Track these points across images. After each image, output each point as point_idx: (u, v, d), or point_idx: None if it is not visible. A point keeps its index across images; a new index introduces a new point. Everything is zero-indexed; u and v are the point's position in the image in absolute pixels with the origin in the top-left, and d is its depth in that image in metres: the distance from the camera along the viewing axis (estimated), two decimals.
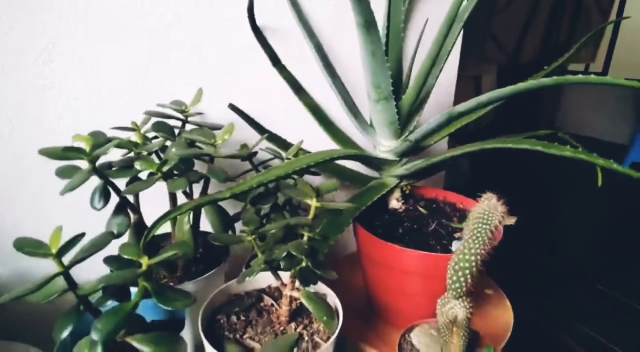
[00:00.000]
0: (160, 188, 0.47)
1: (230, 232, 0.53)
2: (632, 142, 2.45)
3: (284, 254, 0.44)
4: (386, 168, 0.66)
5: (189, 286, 0.52)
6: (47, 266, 0.36)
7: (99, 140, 0.46)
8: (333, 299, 0.49)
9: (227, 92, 0.64)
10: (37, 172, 0.57)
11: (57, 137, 0.57)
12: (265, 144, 0.63)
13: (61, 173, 0.45)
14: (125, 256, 0.39)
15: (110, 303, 0.42)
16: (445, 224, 0.62)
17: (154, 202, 0.51)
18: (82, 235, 0.38)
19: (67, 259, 0.38)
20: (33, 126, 0.55)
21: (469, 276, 0.39)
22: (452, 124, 0.61)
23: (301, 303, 0.50)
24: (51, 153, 0.43)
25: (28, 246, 0.36)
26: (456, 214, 0.66)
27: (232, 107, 0.65)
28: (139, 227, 0.51)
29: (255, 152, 0.56)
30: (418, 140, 0.60)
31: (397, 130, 0.62)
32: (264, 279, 0.54)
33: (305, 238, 0.44)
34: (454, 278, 0.40)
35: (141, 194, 0.49)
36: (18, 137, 0.55)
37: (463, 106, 0.53)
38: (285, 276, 0.48)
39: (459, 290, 0.40)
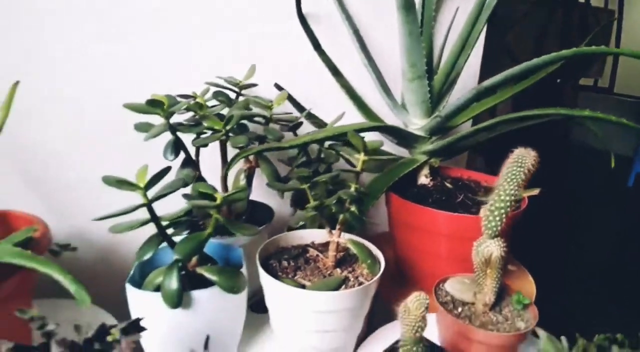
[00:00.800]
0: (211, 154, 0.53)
1: None
2: (636, 153, 2.51)
3: (335, 200, 0.49)
4: (416, 145, 0.72)
5: (242, 237, 0.57)
6: (101, 225, 0.41)
7: (172, 101, 0.53)
8: (374, 250, 0.54)
9: (273, 73, 0.71)
10: (100, 140, 0.64)
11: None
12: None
13: (139, 127, 0.52)
14: (201, 190, 0.44)
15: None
16: (471, 197, 0.67)
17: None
18: (169, 169, 0.44)
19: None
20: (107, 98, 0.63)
21: (503, 216, 0.45)
22: (481, 101, 0.67)
23: (345, 254, 0.56)
24: (135, 107, 0.50)
25: (117, 181, 0.42)
26: (481, 189, 0.72)
27: (277, 86, 0.71)
28: (199, 181, 0.57)
29: (301, 122, 0.63)
30: (448, 116, 0.65)
31: (428, 108, 0.68)
32: (308, 235, 0.59)
33: (352, 188, 0.50)
34: (490, 218, 0.45)
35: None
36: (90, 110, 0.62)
37: (490, 81, 0.59)
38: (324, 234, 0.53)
39: (494, 229, 0.45)
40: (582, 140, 2.84)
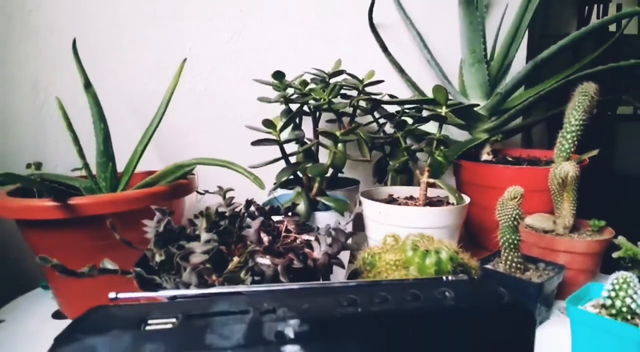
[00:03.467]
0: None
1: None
2: None
3: (424, 145, 0.61)
4: (477, 125, 0.84)
5: (338, 193, 0.68)
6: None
7: (284, 78, 0.68)
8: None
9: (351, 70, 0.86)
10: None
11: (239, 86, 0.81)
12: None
13: (261, 99, 0.67)
14: (323, 131, 0.57)
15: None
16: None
17: None
18: (297, 114, 0.57)
19: None
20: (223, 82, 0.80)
21: (575, 140, 0.55)
22: (540, 86, 0.79)
23: (429, 201, 0.66)
24: (261, 81, 0.65)
25: (264, 121, 0.56)
26: (542, 163, 0.81)
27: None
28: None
29: (382, 100, 0.76)
30: (508, 91, 0.77)
31: (487, 90, 0.81)
32: (394, 190, 0.70)
33: (437, 135, 0.62)
34: (563, 142, 0.55)
35: None
36: (212, 89, 0.79)
37: (545, 53, 0.71)
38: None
39: (568, 150, 0.55)
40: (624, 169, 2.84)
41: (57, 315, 0.56)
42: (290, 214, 0.46)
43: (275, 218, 0.44)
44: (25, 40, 0.73)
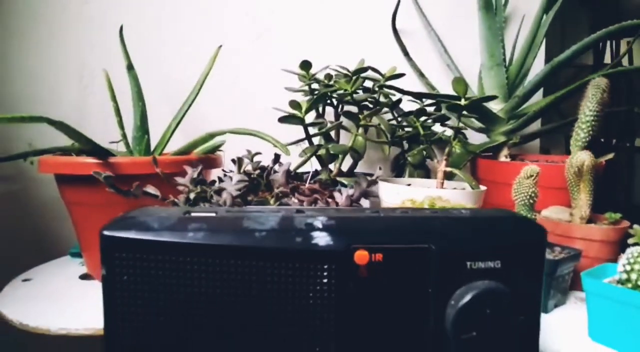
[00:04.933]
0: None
1: None
2: None
3: (442, 136, 0.63)
4: (495, 127, 0.86)
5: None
6: None
7: (310, 68, 0.72)
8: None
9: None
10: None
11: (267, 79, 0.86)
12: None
13: (289, 88, 0.71)
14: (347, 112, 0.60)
15: None
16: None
17: None
18: (323, 96, 0.61)
19: None
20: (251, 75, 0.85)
21: (590, 130, 0.57)
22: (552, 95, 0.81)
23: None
24: (289, 71, 0.69)
25: (291, 101, 0.59)
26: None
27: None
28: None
29: (401, 99, 0.79)
30: (526, 94, 0.80)
31: (505, 93, 0.84)
32: (412, 180, 0.72)
33: (456, 124, 0.64)
34: (578, 131, 0.57)
35: None
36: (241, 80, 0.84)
37: (560, 57, 0.74)
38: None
39: (584, 140, 0.57)
40: None
41: (84, 277, 0.59)
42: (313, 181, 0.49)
43: None
44: (77, 28, 0.81)
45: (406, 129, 0.78)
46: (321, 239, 0.22)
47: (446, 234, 0.23)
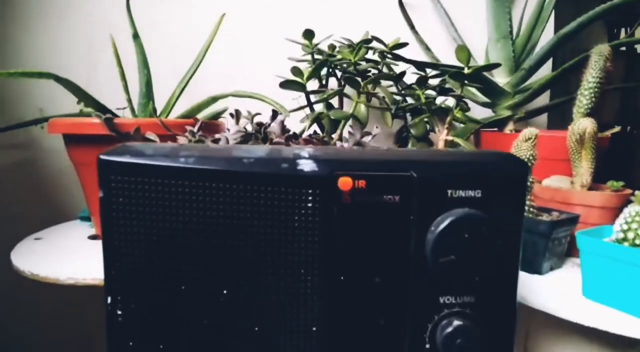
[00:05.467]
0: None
1: None
2: None
3: (443, 105, 0.63)
4: (500, 102, 0.85)
5: None
6: None
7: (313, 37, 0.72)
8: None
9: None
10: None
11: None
12: None
13: (291, 58, 0.71)
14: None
15: None
16: None
17: None
18: (324, 63, 0.61)
19: None
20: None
21: (593, 97, 0.56)
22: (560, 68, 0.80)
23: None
24: (292, 40, 0.69)
25: (293, 68, 0.60)
26: None
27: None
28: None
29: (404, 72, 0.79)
30: (532, 67, 0.79)
31: (512, 66, 0.83)
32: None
33: (458, 91, 0.64)
34: (581, 98, 0.57)
35: None
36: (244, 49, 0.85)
37: (566, 28, 0.73)
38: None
39: (587, 107, 0.56)
40: None
41: (93, 237, 0.61)
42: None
43: None
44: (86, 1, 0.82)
45: (409, 102, 0.78)
46: (306, 165, 0.23)
47: (428, 163, 0.24)
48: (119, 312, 0.24)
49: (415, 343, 0.24)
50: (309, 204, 0.23)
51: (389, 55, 0.76)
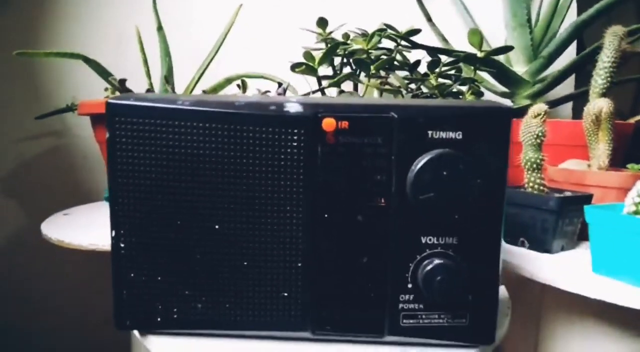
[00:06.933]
0: None
1: None
2: None
3: (455, 89, 0.64)
4: (519, 91, 0.84)
5: None
6: None
7: (327, 25, 0.74)
8: None
9: None
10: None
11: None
12: None
13: (304, 47, 0.73)
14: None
15: None
16: None
17: None
18: (334, 44, 0.63)
19: None
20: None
21: (608, 76, 0.55)
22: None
23: None
24: (307, 29, 0.72)
25: (305, 52, 0.62)
26: None
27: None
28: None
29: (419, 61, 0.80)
30: (551, 54, 0.78)
31: (530, 55, 0.82)
32: None
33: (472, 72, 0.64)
34: (596, 78, 0.56)
35: None
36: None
37: (584, 15, 0.72)
38: None
39: (602, 86, 0.55)
40: None
41: None
42: None
43: None
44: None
45: (423, 90, 0.79)
46: (292, 108, 0.25)
47: (409, 106, 0.25)
48: (122, 245, 0.26)
49: (397, 281, 0.25)
50: (294, 143, 0.24)
51: (403, 43, 0.76)
